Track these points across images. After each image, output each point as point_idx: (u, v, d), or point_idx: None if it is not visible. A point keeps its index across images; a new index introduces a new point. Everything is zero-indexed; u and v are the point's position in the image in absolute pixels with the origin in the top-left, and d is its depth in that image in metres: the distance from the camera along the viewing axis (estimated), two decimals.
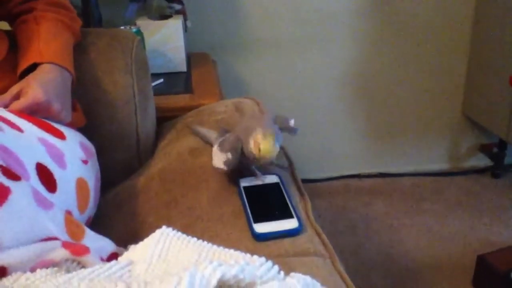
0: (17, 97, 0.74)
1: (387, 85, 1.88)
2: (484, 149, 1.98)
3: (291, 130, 0.79)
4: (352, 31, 1.78)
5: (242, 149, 0.73)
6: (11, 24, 0.91)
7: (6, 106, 0.72)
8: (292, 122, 0.80)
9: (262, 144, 0.69)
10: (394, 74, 1.87)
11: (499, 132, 1.74)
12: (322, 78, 1.84)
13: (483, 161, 2.01)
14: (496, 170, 1.96)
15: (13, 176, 0.54)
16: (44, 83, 0.76)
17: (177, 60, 1.41)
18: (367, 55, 1.82)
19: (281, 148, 0.94)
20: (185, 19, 1.45)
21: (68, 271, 0.53)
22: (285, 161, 0.89)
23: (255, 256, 0.48)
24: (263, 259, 0.48)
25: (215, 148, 0.78)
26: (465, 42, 1.83)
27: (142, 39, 1.27)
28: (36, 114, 0.74)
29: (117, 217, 0.82)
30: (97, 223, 0.78)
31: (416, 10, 1.77)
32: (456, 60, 1.86)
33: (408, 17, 1.78)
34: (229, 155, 0.73)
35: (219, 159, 0.75)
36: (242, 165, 0.76)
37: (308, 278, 0.44)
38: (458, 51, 1.84)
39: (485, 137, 1.99)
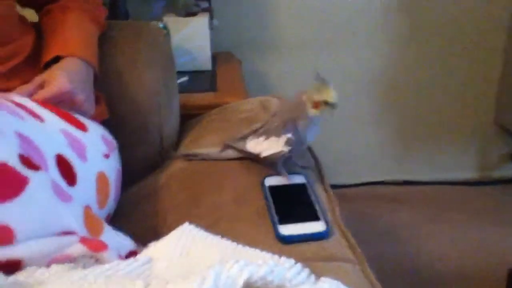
0: (41, 86, 0.73)
1: (415, 90, 1.84)
2: None
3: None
4: (380, 33, 1.74)
5: (295, 122, 0.71)
6: (37, 12, 0.90)
7: (30, 95, 0.71)
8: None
9: (325, 94, 0.70)
10: (422, 79, 1.82)
11: None
12: (348, 81, 1.80)
13: None
14: None
15: (32, 166, 0.52)
16: (69, 74, 0.75)
17: (202, 58, 1.39)
18: (395, 59, 1.78)
19: (308, 148, 0.91)
20: (211, 17, 1.44)
21: (84, 267, 0.51)
22: (311, 161, 0.86)
23: (284, 258, 0.45)
24: (292, 261, 0.45)
25: (260, 140, 0.75)
26: (500, 47, 1.77)
27: (168, 35, 1.26)
28: (60, 104, 0.72)
29: (137, 215, 0.80)
30: (117, 220, 0.76)
31: (448, 11, 1.72)
32: (489, 65, 1.80)
33: (440, 18, 1.73)
34: (289, 135, 0.71)
35: (276, 143, 0.72)
36: (268, 161, 0.73)
37: (339, 284, 0.41)
38: (492, 56, 1.79)
39: None
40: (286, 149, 0.71)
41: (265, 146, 0.74)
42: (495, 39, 1.76)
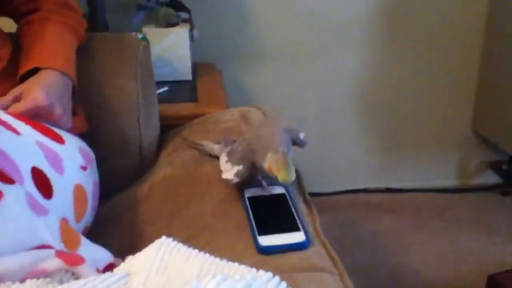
0: (17, 99, 0.72)
1: (395, 100, 1.86)
2: (494, 166, 1.95)
3: (301, 144, 0.77)
4: (361, 44, 1.76)
5: (253, 161, 0.70)
6: (16, 22, 0.89)
7: (5, 108, 0.70)
8: (302, 135, 0.77)
9: (281, 171, 0.65)
10: (402, 89, 1.84)
11: (509, 149, 1.70)
12: (330, 91, 1.81)
13: (492, 178, 1.97)
14: (505, 188, 1.92)
15: (7, 180, 0.51)
16: (46, 87, 0.74)
17: (183, 68, 1.39)
18: (375, 70, 1.80)
19: None
20: (191, 28, 1.44)
21: (61, 282, 0.50)
22: None
23: (261, 271, 0.45)
24: (270, 274, 0.45)
25: (223, 159, 0.75)
26: (476, 57, 1.80)
27: (148, 46, 1.25)
28: (37, 118, 0.71)
29: (116, 227, 0.79)
30: (95, 233, 0.75)
31: (427, 24, 1.75)
32: (466, 75, 1.84)
33: (418, 31, 1.76)
34: (240, 167, 0.70)
35: (229, 170, 0.72)
36: (250, 175, 0.73)
37: None
38: (468, 66, 1.82)
39: (494, 153, 1.95)
40: (235, 179, 0.71)
41: (223, 168, 0.74)
42: (472, 50, 1.80)
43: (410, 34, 1.76)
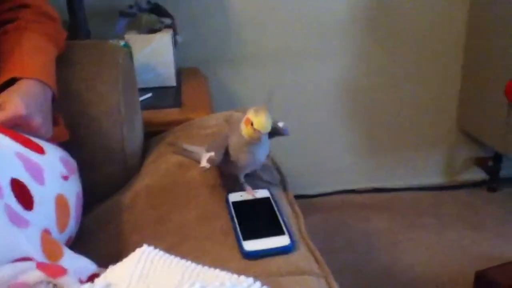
0: None
1: (382, 100, 1.87)
2: (480, 162, 1.96)
3: (281, 131, 0.76)
4: (346, 45, 1.76)
5: (228, 143, 0.70)
6: None
7: None
8: (281, 124, 0.76)
9: (255, 118, 0.65)
10: (388, 89, 1.85)
11: (494, 145, 1.72)
12: (316, 93, 1.82)
13: (478, 174, 1.98)
14: (492, 184, 1.94)
15: None
16: (25, 97, 0.73)
17: (166, 74, 1.38)
18: (361, 71, 1.81)
19: (273, 163, 0.91)
20: (175, 34, 1.43)
21: None
22: (277, 176, 0.86)
23: (242, 277, 0.45)
24: (251, 279, 0.44)
25: (203, 151, 0.76)
26: (459, 55, 1.82)
27: (130, 53, 1.25)
28: (16, 128, 0.71)
29: (101, 236, 0.78)
30: (80, 242, 0.74)
31: (411, 25, 1.76)
32: (450, 73, 1.85)
33: (402, 32, 1.77)
34: (212, 153, 0.71)
35: (204, 158, 0.72)
36: (231, 176, 0.73)
37: None
38: (452, 64, 1.84)
39: (480, 150, 1.97)
40: (207, 165, 0.71)
41: (202, 159, 0.74)
42: (455, 49, 1.81)
43: (395, 35, 1.77)
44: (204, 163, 0.72)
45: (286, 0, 1.67)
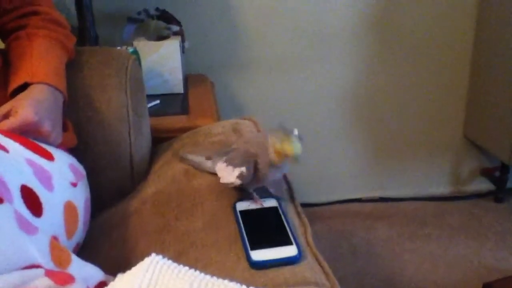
0: (6, 116, 0.71)
1: (387, 108, 1.86)
2: (486, 173, 1.95)
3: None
4: (351, 51, 1.77)
5: (256, 161, 0.69)
6: (3, 40, 0.89)
7: None
8: (296, 131, 0.76)
9: (285, 145, 0.66)
10: (394, 97, 1.85)
11: (501, 156, 1.71)
12: (321, 100, 1.82)
13: (485, 185, 1.98)
14: (498, 194, 1.92)
15: None
16: (35, 103, 0.73)
17: (174, 81, 1.39)
18: (366, 77, 1.81)
19: None
20: (182, 41, 1.44)
21: None
22: (283, 184, 0.86)
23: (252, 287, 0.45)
24: None
25: (221, 165, 0.75)
26: (466, 63, 1.82)
27: (139, 59, 1.25)
28: (26, 134, 0.71)
29: (108, 243, 0.78)
30: (86, 249, 0.74)
31: (416, 30, 1.76)
32: (457, 82, 1.85)
33: (408, 37, 1.77)
34: (243, 169, 0.70)
35: (230, 174, 0.71)
36: (245, 185, 0.73)
37: None
38: (459, 73, 1.83)
39: (487, 160, 1.96)
40: (237, 182, 0.71)
41: (223, 173, 0.73)
42: (462, 56, 1.81)
43: (400, 43, 1.77)
44: (233, 179, 0.71)
45: (291, 7, 1.68)
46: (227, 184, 0.73)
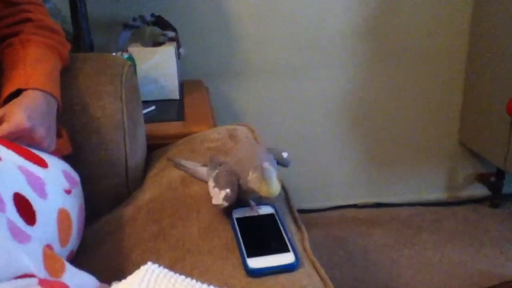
0: None
1: (382, 114, 1.87)
2: (482, 178, 1.96)
3: (283, 163, 0.77)
4: (347, 58, 1.77)
5: (238, 182, 0.70)
6: None
7: None
8: (285, 155, 0.77)
9: (262, 187, 0.66)
10: (389, 103, 1.85)
11: (496, 161, 1.71)
12: (317, 106, 1.82)
13: (480, 190, 1.98)
14: (494, 200, 1.93)
15: None
16: (29, 109, 0.72)
17: (170, 87, 1.38)
18: (361, 84, 1.81)
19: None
20: (178, 47, 1.44)
21: None
22: (281, 192, 0.85)
23: None
24: None
25: (211, 185, 0.75)
26: (461, 70, 1.82)
27: (134, 66, 1.25)
28: (19, 141, 0.70)
29: (102, 250, 0.78)
30: (81, 257, 0.73)
31: (411, 37, 1.77)
32: (452, 88, 1.85)
33: (403, 45, 1.78)
34: (228, 191, 0.70)
35: (217, 196, 0.71)
36: (238, 197, 0.72)
37: None
38: (454, 79, 1.84)
39: (482, 166, 1.96)
40: (224, 204, 0.70)
41: (212, 195, 0.74)
42: (457, 63, 1.82)
43: (395, 49, 1.78)
44: (220, 201, 0.71)
45: (287, 14, 1.68)
46: (216, 206, 0.73)
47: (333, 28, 1.72)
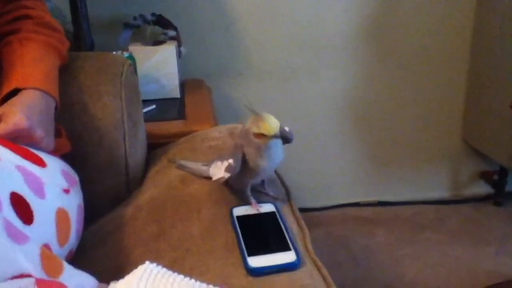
0: None
1: (385, 113, 1.86)
2: (485, 176, 1.94)
3: (287, 136, 0.75)
4: (349, 58, 1.76)
5: (244, 154, 0.69)
6: None
7: None
8: (287, 128, 0.75)
9: (262, 127, 0.66)
10: (391, 102, 1.84)
11: (500, 159, 1.70)
12: (319, 106, 1.81)
13: (484, 188, 1.97)
14: (497, 198, 1.92)
15: None
16: (27, 109, 0.72)
17: (170, 86, 1.38)
18: (363, 83, 1.80)
19: (278, 176, 0.89)
20: (179, 46, 1.43)
21: None
22: (281, 190, 0.85)
23: None
24: None
25: (214, 164, 0.74)
26: (464, 68, 1.81)
27: (134, 65, 1.24)
28: (17, 140, 0.69)
29: (102, 250, 0.77)
30: (80, 257, 0.73)
31: (411, 37, 1.76)
32: (454, 86, 1.84)
33: (404, 44, 1.77)
34: (231, 161, 0.69)
35: (220, 169, 0.71)
36: (236, 189, 0.72)
37: None
38: (457, 77, 1.83)
39: (485, 164, 1.95)
40: (226, 175, 0.70)
41: (214, 171, 0.73)
42: (459, 60, 1.81)
43: (397, 48, 1.77)
44: (222, 173, 0.70)
45: (288, 15, 1.67)
46: (218, 180, 0.72)
47: (333, 28, 1.71)
